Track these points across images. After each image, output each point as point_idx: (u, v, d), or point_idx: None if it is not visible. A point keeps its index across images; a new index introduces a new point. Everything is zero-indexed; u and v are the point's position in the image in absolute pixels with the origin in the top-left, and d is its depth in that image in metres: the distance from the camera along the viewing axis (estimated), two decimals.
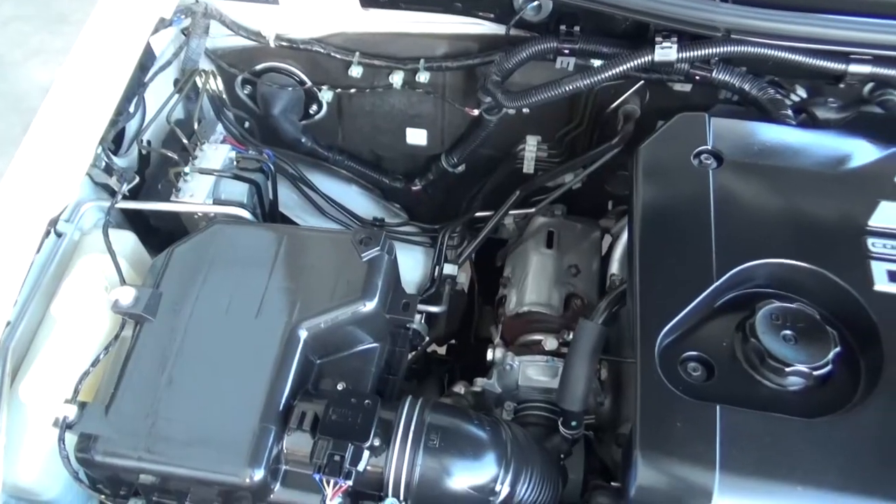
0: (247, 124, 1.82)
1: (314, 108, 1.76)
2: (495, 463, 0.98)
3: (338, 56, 1.62)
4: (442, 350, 1.95)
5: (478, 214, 1.78)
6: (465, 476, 0.97)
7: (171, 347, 1.06)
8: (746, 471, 0.89)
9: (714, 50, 1.25)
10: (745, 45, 1.24)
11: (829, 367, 0.95)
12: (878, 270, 1.02)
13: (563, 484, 1.20)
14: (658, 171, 1.16)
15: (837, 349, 0.96)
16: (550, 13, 1.40)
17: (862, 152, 1.16)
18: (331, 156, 1.84)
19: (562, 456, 1.21)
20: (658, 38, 1.26)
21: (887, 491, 0.87)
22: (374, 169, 1.90)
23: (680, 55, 1.26)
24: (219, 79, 1.64)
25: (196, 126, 1.45)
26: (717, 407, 0.93)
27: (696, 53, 1.26)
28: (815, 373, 0.95)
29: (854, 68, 1.25)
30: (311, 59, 1.66)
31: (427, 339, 1.55)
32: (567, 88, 1.33)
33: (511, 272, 1.56)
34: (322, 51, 1.62)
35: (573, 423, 1.18)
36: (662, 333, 1.00)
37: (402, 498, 0.97)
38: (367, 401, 0.97)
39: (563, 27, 1.37)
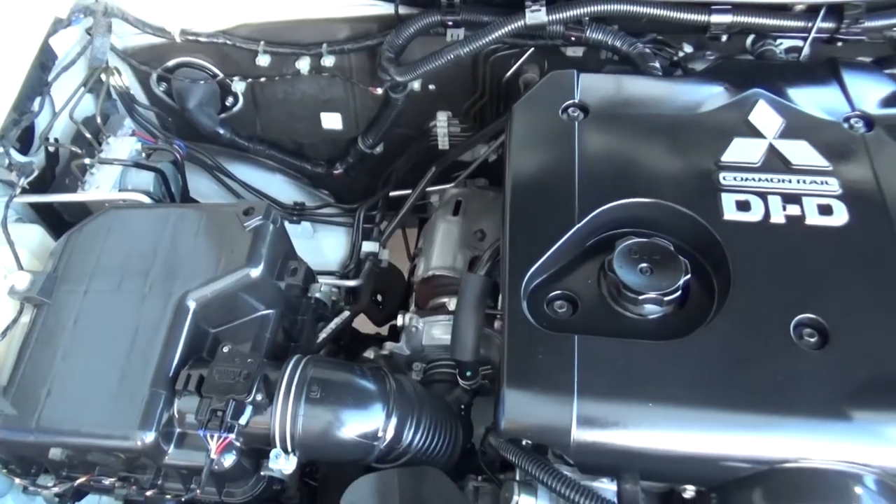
0: (169, 120, 1.86)
1: (230, 100, 1.80)
2: (376, 409, 1.03)
3: (244, 46, 1.67)
4: (384, 332, 2.00)
5: (400, 193, 1.84)
6: (346, 422, 1.01)
7: (67, 326, 1.10)
8: (602, 393, 0.95)
9: (581, 10, 1.31)
10: (609, 3, 1.30)
11: (678, 293, 1.01)
12: (728, 201, 1.08)
13: (469, 433, 1.25)
14: (529, 126, 1.22)
15: (688, 276, 1.01)
16: None
17: (720, 96, 1.22)
18: (252, 146, 1.89)
19: (462, 407, 1.27)
20: (528, 2, 1.31)
21: (727, 401, 0.93)
22: (297, 156, 1.95)
23: (550, 17, 1.31)
24: (124, 75, 1.68)
25: (99, 121, 1.49)
26: (576, 337, 0.98)
27: (564, 14, 1.32)
28: (666, 298, 1.00)
29: (716, 18, 1.31)
30: (219, 52, 1.70)
31: (347, 312, 1.60)
32: (449, 56, 1.38)
33: (422, 242, 1.61)
34: (228, 42, 1.67)
35: (468, 374, 1.23)
36: (529, 275, 1.05)
37: (289, 449, 1.02)
38: (249, 359, 1.02)
39: (444, 0, 1.42)
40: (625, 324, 1.04)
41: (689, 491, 1.00)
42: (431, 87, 1.72)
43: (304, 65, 1.67)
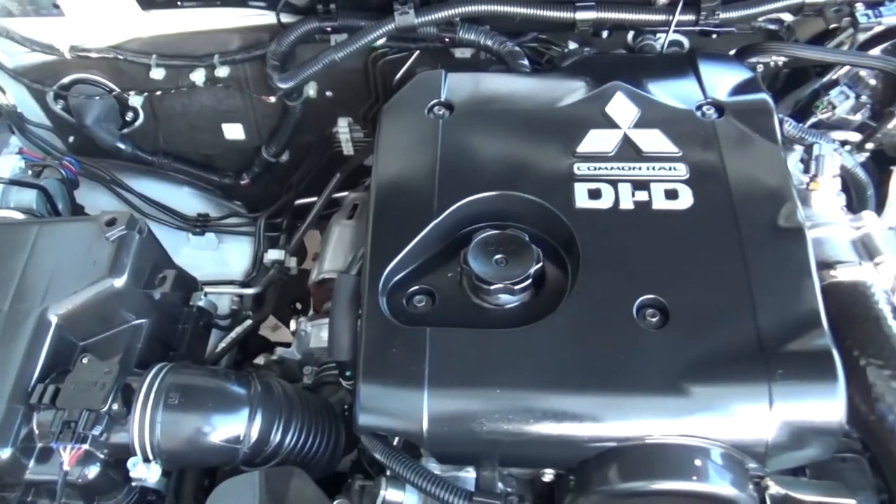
0: (71, 139, 1.85)
1: (130, 115, 1.80)
2: (237, 413, 1.03)
3: (136, 60, 1.67)
4: None
5: (308, 200, 1.85)
6: (205, 427, 1.01)
7: None
8: (452, 383, 0.96)
9: (449, 11, 1.34)
10: (476, 4, 1.33)
11: (528, 282, 1.03)
12: (580, 190, 1.11)
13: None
14: (396, 126, 1.24)
15: (538, 265, 1.04)
16: None
17: (581, 89, 1.25)
18: (156, 160, 1.87)
19: (346, 407, 1.28)
20: (397, 5, 1.34)
21: (572, 384, 0.95)
22: (204, 168, 1.94)
23: (419, 19, 1.34)
24: (17, 93, 1.66)
25: None
26: (428, 329, 1.00)
27: (433, 16, 1.34)
28: (517, 287, 1.02)
29: (580, 15, 1.35)
30: (112, 67, 1.70)
31: (250, 321, 1.61)
32: (325, 61, 1.40)
33: (320, 247, 1.62)
34: (120, 57, 1.66)
35: (347, 374, 1.24)
36: (388, 271, 1.07)
37: (151, 457, 1.02)
38: (106, 370, 1.02)
39: (320, 6, 1.44)
40: (485, 315, 1.05)
41: (549, 475, 1.03)
42: (329, 93, 1.73)
43: (198, 76, 1.67)
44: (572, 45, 1.55)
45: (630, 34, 1.53)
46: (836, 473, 1.02)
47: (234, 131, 1.83)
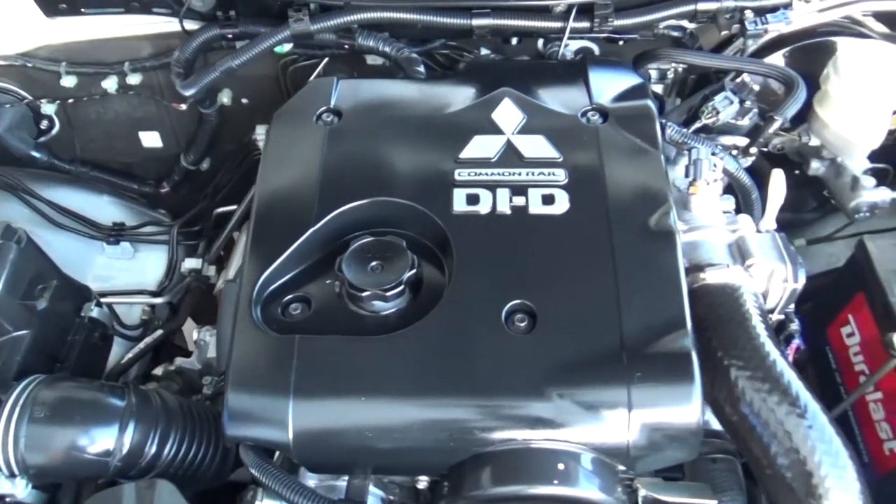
0: None
1: (45, 123, 1.77)
2: (106, 426, 1.02)
3: (46, 68, 1.65)
4: None
5: (229, 208, 1.83)
6: (71, 440, 1.00)
7: None
8: (317, 392, 0.96)
9: (344, 18, 1.34)
10: (371, 12, 1.33)
11: (400, 288, 1.02)
12: (459, 196, 1.11)
13: None
14: (284, 133, 1.24)
15: (412, 272, 1.03)
16: (216, 2, 1.46)
17: (469, 95, 1.26)
18: (74, 168, 1.85)
19: None
20: (291, 12, 1.33)
21: (438, 390, 0.95)
22: (124, 176, 1.92)
23: (315, 26, 1.34)
24: None
25: None
26: (296, 338, 0.99)
27: (329, 23, 1.34)
28: (388, 294, 1.02)
29: (477, 22, 1.35)
30: (22, 74, 1.68)
31: (161, 331, 1.59)
32: (222, 69, 1.39)
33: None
34: (29, 64, 1.64)
35: None
36: (263, 280, 1.06)
37: (17, 472, 1.00)
38: None
39: (220, 13, 1.44)
40: (361, 322, 1.04)
41: (423, 481, 1.02)
42: (244, 100, 1.73)
43: (110, 84, 1.66)
44: (484, 52, 1.57)
45: (540, 42, 1.55)
46: (707, 474, 1.04)
47: (151, 139, 1.82)
